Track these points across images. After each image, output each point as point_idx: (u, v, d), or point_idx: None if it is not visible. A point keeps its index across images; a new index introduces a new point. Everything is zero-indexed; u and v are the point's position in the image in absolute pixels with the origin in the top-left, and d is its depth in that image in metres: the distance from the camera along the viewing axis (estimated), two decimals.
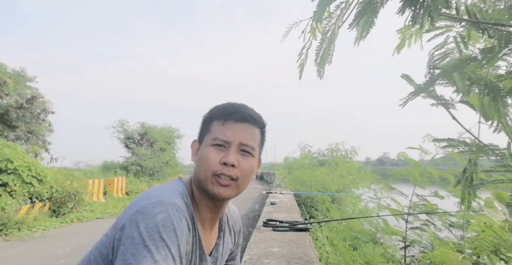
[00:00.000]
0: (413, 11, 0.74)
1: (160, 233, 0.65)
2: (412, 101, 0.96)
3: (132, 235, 0.64)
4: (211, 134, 0.81)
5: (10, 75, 15.28)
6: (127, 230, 0.66)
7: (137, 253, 0.62)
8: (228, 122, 0.81)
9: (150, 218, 0.66)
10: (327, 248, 3.12)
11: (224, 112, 0.82)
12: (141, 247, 0.63)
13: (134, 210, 0.68)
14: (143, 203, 0.69)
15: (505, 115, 0.97)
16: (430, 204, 2.56)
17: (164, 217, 0.67)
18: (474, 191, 1.22)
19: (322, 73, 1.01)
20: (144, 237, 0.64)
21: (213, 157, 0.79)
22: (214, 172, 0.78)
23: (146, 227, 0.65)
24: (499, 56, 0.84)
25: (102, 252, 0.72)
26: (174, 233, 0.66)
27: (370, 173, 7.04)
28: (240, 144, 0.80)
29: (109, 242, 0.71)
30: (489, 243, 1.72)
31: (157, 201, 0.70)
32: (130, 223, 0.66)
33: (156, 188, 0.79)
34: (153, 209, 0.68)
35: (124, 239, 0.65)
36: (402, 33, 1.24)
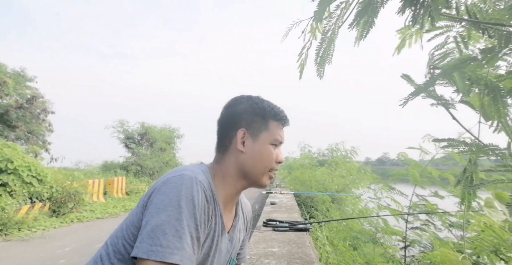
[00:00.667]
0: (413, 11, 0.74)
1: (180, 201, 0.72)
2: (412, 102, 0.96)
3: (155, 201, 0.72)
4: (270, 134, 0.91)
5: (10, 75, 15.28)
6: (152, 198, 0.74)
7: (157, 216, 0.70)
8: (283, 126, 0.95)
9: (173, 188, 0.73)
10: (327, 248, 3.12)
11: (281, 116, 0.94)
12: (161, 211, 0.70)
13: (161, 182, 0.77)
14: (168, 176, 0.78)
15: (505, 115, 0.97)
16: (430, 204, 2.56)
17: (185, 188, 0.74)
18: (474, 191, 1.22)
19: (322, 73, 1.01)
20: (165, 203, 0.71)
21: (273, 155, 0.91)
22: (272, 168, 0.91)
23: (168, 195, 0.72)
24: (499, 56, 0.84)
25: (134, 224, 0.77)
26: (191, 203, 0.73)
27: (370, 173, 7.04)
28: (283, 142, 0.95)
29: (139, 213, 0.77)
30: (489, 243, 1.72)
31: (181, 174, 0.77)
32: (156, 192, 0.75)
33: (181, 166, 0.86)
34: (176, 181, 0.75)
35: (149, 205, 0.73)
36: (402, 33, 1.24)
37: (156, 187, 0.76)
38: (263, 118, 0.91)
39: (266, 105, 0.93)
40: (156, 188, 0.75)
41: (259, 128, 0.91)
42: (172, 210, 0.70)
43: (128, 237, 0.75)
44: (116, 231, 0.82)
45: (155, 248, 0.66)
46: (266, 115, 0.92)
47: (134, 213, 0.79)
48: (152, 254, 0.66)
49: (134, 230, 0.75)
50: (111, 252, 0.77)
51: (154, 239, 0.67)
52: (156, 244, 0.67)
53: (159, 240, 0.67)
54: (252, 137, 0.90)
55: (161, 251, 0.66)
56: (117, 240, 0.78)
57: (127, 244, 0.75)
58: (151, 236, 0.68)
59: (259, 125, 0.91)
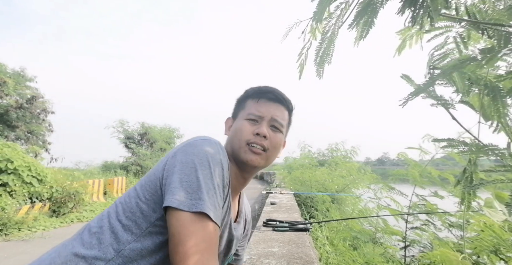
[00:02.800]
0: (413, 11, 0.74)
1: (210, 162, 0.73)
2: (412, 102, 0.96)
3: (185, 160, 0.73)
4: (245, 110, 0.91)
5: (10, 75, 15.28)
6: (179, 157, 0.74)
7: (190, 173, 0.71)
8: (262, 100, 0.91)
9: (200, 149, 0.75)
10: (327, 248, 3.12)
11: (258, 91, 0.92)
12: (194, 170, 0.71)
13: (185, 143, 0.77)
14: (192, 140, 0.78)
15: (504, 115, 0.97)
16: (430, 204, 2.56)
17: (213, 151, 0.76)
18: (474, 191, 1.22)
19: (321, 73, 1.01)
20: (197, 163, 0.72)
21: (247, 128, 0.88)
22: (247, 141, 0.87)
23: (197, 155, 0.73)
24: (499, 56, 0.84)
25: (146, 181, 0.77)
26: (220, 165, 0.75)
27: (370, 173, 7.05)
28: (271, 119, 0.90)
29: (158, 168, 0.76)
30: (488, 243, 1.72)
31: (205, 138, 0.79)
32: (182, 152, 0.75)
33: (206, 136, 0.85)
34: (202, 143, 0.76)
35: (178, 163, 0.73)
36: (402, 34, 1.24)
37: (181, 148, 0.75)
38: (243, 100, 0.94)
39: (249, 89, 0.95)
40: (181, 149, 0.75)
41: (238, 110, 0.94)
42: (204, 169, 0.72)
43: (143, 195, 0.75)
44: (127, 193, 0.81)
45: (192, 201, 0.68)
46: (245, 96, 0.94)
47: (151, 174, 0.78)
48: (193, 207, 0.68)
49: (151, 189, 0.75)
50: (120, 210, 0.76)
51: (191, 194, 0.69)
52: (194, 198, 0.68)
53: (196, 194, 0.69)
54: (233, 120, 0.94)
55: (200, 203, 0.68)
56: (129, 199, 0.77)
57: (141, 202, 0.75)
58: (189, 191, 0.69)
59: (238, 107, 0.95)
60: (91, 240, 0.74)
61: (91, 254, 0.72)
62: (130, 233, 0.73)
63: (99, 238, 0.74)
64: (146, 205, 0.74)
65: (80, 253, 0.72)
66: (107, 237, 0.73)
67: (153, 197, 0.74)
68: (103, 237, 0.74)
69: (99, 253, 0.72)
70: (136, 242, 0.72)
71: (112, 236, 0.73)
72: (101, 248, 0.72)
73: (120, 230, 0.73)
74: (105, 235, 0.74)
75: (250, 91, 0.94)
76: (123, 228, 0.73)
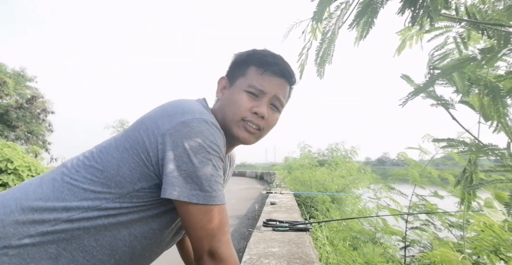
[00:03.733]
0: (413, 11, 0.74)
1: (208, 148, 0.71)
2: (412, 102, 0.97)
3: (182, 144, 0.69)
4: (246, 79, 0.83)
5: (10, 75, 15.29)
6: (175, 138, 0.70)
7: (188, 161, 0.69)
8: (267, 73, 0.82)
9: (198, 133, 0.71)
10: (327, 248, 3.12)
11: (265, 62, 0.83)
12: (192, 156, 0.69)
13: (179, 121, 0.72)
14: (187, 117, 0.72)
15: (504, 115, 0.97)
16: (429, 204, 2.57)
17: (211, 134, 0.72)
18: (474, 191, 1.22)
19: (322, 73, 1.01)
20: (195, 149, 0.69)
21: (245, 103, 0.81)
22: (243, 117, 0.82)
23: (194, 139, 0.70)
24: (499, 56, 0.84)
25: (139, 144, 0.73)
26: (219, 149, 0.73)
27: (370, 173, 7.04)
28: (273, 96, 0.83)
29: (144, 140, 0.73)
30: (488, 243, 1.72)
31: (202, 118, 0.73)
32: (176, 132, 0.70)
33: (192, 103, 0.78)
34: (199, 125, 0.72)
35: (174, 147, 0.69)
36: (402, 35, 1.25)
37: (175, 127, 0.71)
38: (244, 63, 0.85)
39: (252, 51, 0.87)
40: (176, 129, 0.70)
41: (237, 74, 0.85)
42: (203, 155, 0.70)
43: (128, 160, 0.72)
44: (102, 149, 0.76)
45: (196, 192, 0.69)
46: (247, 61, 0.85)
47: (136, 140, 0.73)
48: (194, 198, 0.68)
49: (138, 157, 0.72)
50: (96, 165, 0.73)
51: (192, 184, 0.69)
52: (195, 189, 0.69)
53: (197, 185, 0.69)
54: (230, 83, 0.86)
55: (201, 194, 0.69)
56: (108, 157, 0.73)
57: (125, 167, 0.71)
58: (188, 181, 0.68)
59: (238, 71, 0.85)
60: (59, 192, 0.71)
61: (60, 206, 0.69)
62: (109, 193, 0.71)
63: (72, 190, 0.71)
64: (129, 172, 0.72)
65: (45, 206, 0.70)
66: (81, 191, 0.71)
67: (139, 167, 0.72)
68: (77, 190, 0.71)
69: (74, 204, 0.69)
70: (114, 202, 0.71)
71: (86, 191, 0.71)
72: (74, 200, 0.70)
73: (96, 187, 0.71)
74: (79, 188, 0.71)
75: (256, 58, 0.84)
76: (100, 186, 0.71)
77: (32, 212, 0.69)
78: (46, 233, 0.68)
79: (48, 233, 0.68)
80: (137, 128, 0.75)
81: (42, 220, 0.69)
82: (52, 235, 0.68)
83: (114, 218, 0.71)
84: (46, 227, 0.68)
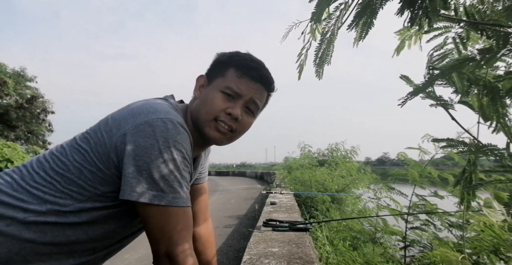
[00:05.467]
0: (411, 12, 0.75)
1: (171, 147, 0.68)
2: (412, 102, 0.97)
3: (143, 144, 0.67)
4: (224, 80, 0.83)
5: (10, 75, 15.30)
6: (137, 138, 0.68)
7: (150, 161, 0.66)
8: (245, 77, 0.83)
9: (161, 132, 0.68)
10: (327, 248, 3.12)
11: (244, 65, 0.83)
12: (154, 156, 0.66)
13: (143, 121, 0.70)
14: (152, 116, 0.70)
15: (504, 115, 0.97)
16: (429, 204, 2.57)
17: (176, 133, 0.70)
18: (473, 191, 1.22)
19: (321, 74, 1.01)
20: (157, 148, 0.67)
21: (219, 103, 0.81)
22: (216, 117, 0.81)
23: (158, 139, 0.68)
24: (498, 56, 0.84)
25: (101, 146, 0.71)
26: (183, 148, 0.70)
27: (370, 173, 7.04)
28: (249, 100, 0.83)
29: (105, 141, 0.71)
30: (488, 243, 1.72)
31: (167, 117, 0.71)
32: (138, 132, 0.68)
33: (157, 104, 0.76)
34: (164, 124, 0.70)
35: (135, 146, 0.67)
36: (401, 35, 1.25)
37: (138, 127, 0.69)
38: (225, 64, 0.85)
39: (234, 53, 0.87)
40: (138, 129, 0.69)
41: (216, 74, 0.86)
42: (166, 154, 0.67)
43: (89, 163, 0.71)
44: (60, 151, 0.75)
45: (157, 193, 0.66)
46: (228, 62, 0.85)
47: (98, 142, 0.72)
48: (155, 199, 0.66)
49: (101, 161, 0.70)
50: (56, 168, 0.72)
51: (153, 185, 0.66)
52: (158, 190, 0.66)
53: (159, 186, 0.66)
54: (208, 82, 0.86)
55: (163, 195, 0.67)
56: (67, 160, 0.72)
57: (86, 170, 0.70)
58: (149, 182, 0.66)
59: (218, 71, 0.86)
60: (20, 194, 0.69)
61: (16, 204, 0.68)
62: (70, 197, 0.70)
63: (31, 192, 0.70)
64: (91, 175, 0.71)
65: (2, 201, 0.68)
66: (40, 193, 0.70)
67: (100, 171, 0.71)
68: (36, 193, 0.70)
69: (32, 207, 0.68)
70: (74, 206, 0.70)
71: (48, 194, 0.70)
72: (32, 203, 0.69)
73: (56, 192, 0.70)
74: (38, 191, 0.70)
75: (236, 60, 0.85)
76: (60, 191, 0.70)
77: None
78: (2, 233, 0.67)
79: (3, 234, 0.67)
80: (99, 130, 0.74)
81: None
82: (5, 236, 0.67)
83: (72, 220, 0.70)
84: (1, 225, 0.67)
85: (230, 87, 0.82)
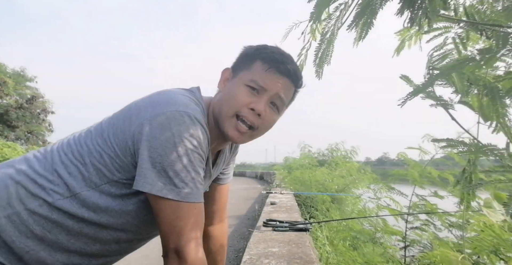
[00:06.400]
0: (411, 12, 0.75)
1: (187, 142, 0.67)
2: (412, 103, 0.97)
3: (158, 136, 0.67)
4: (250, 73, 0.79)
5: (10, 75, 15.31)
6: (153, 129, 0.67)
7: (165, 154, 0.66)
8: (272, 70, 0.78)
9: (178, 125, 0.68)
10: (327, 248, 3.13)
11: (272, 58, 0.79)
12: (169, 150, 0.66)
13: (161, 112, 0.69)
14: (170, 108, 0.70)
15: (503, 115, 0.97)
16: (429, 204, 2.57)
17: (192, 128, 0.69)
18: (473, 191, 1.23)
19: (320, 74, 1.01)
20: (173, 142, 0.66)
21: (243, 97, 0.77)
22: (238, 113, 0.78)
23: (174, 132, 0.67)
24: (497, 56, 0.85)
25: (121, 133, 0.72)
26: (198, 143, 0.69)
27: (370, 173, 7.04)
28: (275, 95, 0.79)
29: (125, 128, 0.72)
30: (488, 243, 1.72)
31: (185, 111, 0.70)
32: (155, 122, 0.68)
33: (178, 95, 0.75)
34: (181, 117, 0.69)
35: (150, 137, 0.67)
36: (401, 35, 1.25)
37: (155, 118, 0.69)
38: (251, 57, 0.81)
39: (262, 46, 0.83)
40: (157, 121, 0.68)
41: (242, 67, 0.82)
42: (181, 149, 0.66)
43: (109, 150, 0.72)
44: (84, 138, 0.76)
45: (169, 187, 0.66)
46: (255, 55, 0.81)
47: (118, 130, 0.72)
48: (168, 193, 0.66)
49: (120, 148, 0.71)
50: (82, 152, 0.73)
51: (166, 178, 0.66)
52: (170, 183, 0.66)
53: (171, 180, 0.66)
54: (233, 75, 0.83)
55: (175, 190, 0.66)
56: (92, 145, 0.73)
57: (106, 156, 0.72)
58: (162, 175, 0.66)
59: (244, 64, 0.82)
60: (50, 175, 0.71)
61: (48, 186, 0.70)
62: (89, 181, 0.71)
63: (59, 174, 0.71)
64: (109, 160, 0.71)
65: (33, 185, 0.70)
66: (66, 175, 0.71)
67: (118, 157, 0.71)
68: (64, 175, 0.71)
69: (59, 189, 0.70)
70: (94, 190, 0.71)
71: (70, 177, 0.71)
72: (59, 185, 0.70)
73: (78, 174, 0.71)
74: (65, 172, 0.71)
75: (263, 53, 0.81)
76: (81, 174, 0.71)
77: (23, 187, 0.69)
78: (33, 212, 0.68)
79: (34, 213, 0.68)
80: (122, 116, 0.74)
81: (32, 195, 0.69)
82: (37, 215, 0.68)
83: (91, 205, 0.71)
84: (33, 206, 0.68)
85: (255, 81, 0.78)
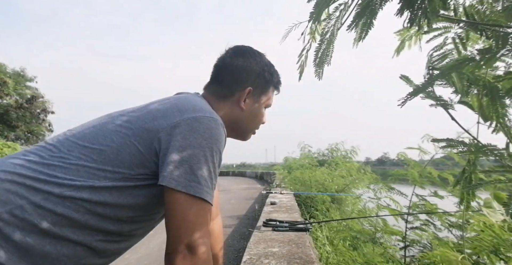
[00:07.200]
0: (411, 12, 0.75)
1: (213, 145, 0.75)
2: (412, 103, 0.97)
3: (189, 137, 0.73)
4: (267, 98, 1.01)
5: (10, 75, 15.31)
6: (184, 131, 0.74)
7: (193, 154, 0.72)
8: (277, 93, 1.05)
9: (207, 130, 0.75)
10: (327, 248, 3.13)
11: (279, 83, 1.04)
12: (198, 150, 0.72)
13: (191, 116, 0.76)
14: (199, 113, 0.77)
15: (503, 115, 0.97)
16: (429, 204, 2.57)
17: (218, 133, 0.77)
18: (473, 191, 1.23)
19: (320, 74, 1.01)
20: (202, 144, 0.73)
21: (263, 118, 1.02)
22: (257, 128, 1.03)
23: (204, 135, 0.74)
24: (497, 57, 0.85)
25: (144, 133, 0.76)
26: (221, 149, 0.78)
27: (370, 173, 7.04)
28: None
29: (149, 129, 0.76)
30: (488, 243, 1.72)
31: (212, 117, 0.79)
32: (186, 125, 0.74)
33: (200, 101, 0.85)
34: (209, 123, 0.77)
35: (181, 138, 0.73)
36: (401, 35, 1.25)
37: (186, 121, 0.75)
38: (267, 82, 0.99)
39: (274, 71, 1.01)
40: (187, 123, 0.74)
41: (261, 91, 0.98)
42: (208, 152, 0.73)
43: (135, 145, 0.75)
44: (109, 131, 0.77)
45: (194, 184, 0.71)
46: (270, 81, 1.00)
47: (146, 128, 0.76)
48: (191, 189, 0.70)
49: (146, 145, 0.74)
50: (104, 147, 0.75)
51: (192, 176, 0.70)
52: (195, 181, 0.71)
53: (197, 178, 0.71)
54: (254, 97, 0.97)
55: (199, 187, 0.71)
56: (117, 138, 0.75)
57: (134, 149, 0.74)
58: (188, 173, 0.70)
59: (262, 88, 0.98)
60: (53, 171, 0.72)
61: (52, 179, 0.70)
62: (103, 176, 0.73)
63: (65, 167, 0.72)
64: (129, 157, 0.74)
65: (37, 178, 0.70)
66: (73, 167, 0.72)
67: (140, 155, 0.74)
68: (70, 167, 0.72)
69: (66, 181, 0.71)
70: (107, 181, 0.73)
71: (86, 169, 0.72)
72: (66, 178, 0.71)
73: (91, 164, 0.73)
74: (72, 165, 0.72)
75: (276, 80, 1.02)
76: (95, 165, 0.73)
77: (24, 181, 0.70)
78: (38, 206, 0.68)
79: (38, 207, 0.68)
80: (142, 117, 0.78)
81: (35, 189, 0.69)
82: (42, 209, 0.68)
83: (102, 198, 0.72)
84: (38, 199, 0.68)
85: (270, 105, 1.03)
